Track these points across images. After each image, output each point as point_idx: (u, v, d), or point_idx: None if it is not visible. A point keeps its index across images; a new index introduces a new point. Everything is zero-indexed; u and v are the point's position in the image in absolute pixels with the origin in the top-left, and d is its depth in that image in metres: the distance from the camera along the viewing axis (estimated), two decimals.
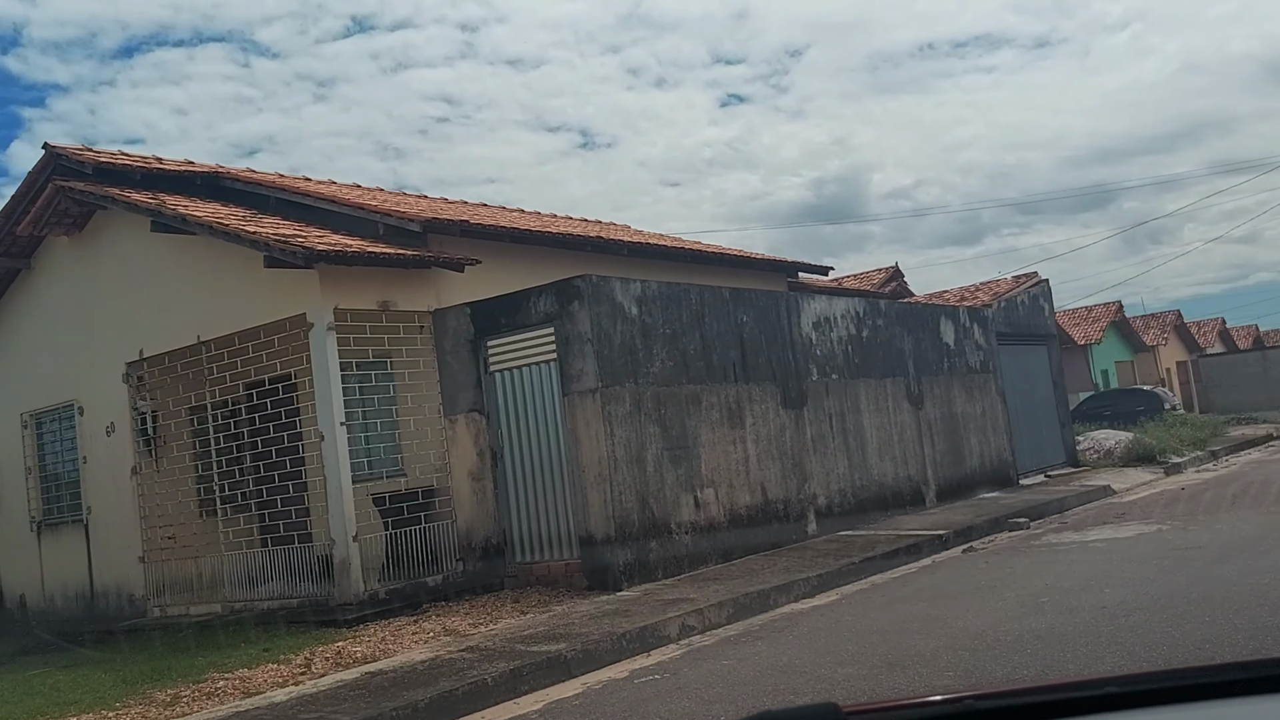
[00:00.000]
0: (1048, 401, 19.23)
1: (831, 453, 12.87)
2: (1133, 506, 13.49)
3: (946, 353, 15.83)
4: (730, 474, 11.16)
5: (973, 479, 15.72)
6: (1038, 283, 19.62)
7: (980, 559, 10.39)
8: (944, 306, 16.47)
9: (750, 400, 11.68)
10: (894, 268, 27.01)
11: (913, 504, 14.13)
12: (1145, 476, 17.70)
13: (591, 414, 9.80)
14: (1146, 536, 10.40)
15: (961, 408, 15.86)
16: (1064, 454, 19.24)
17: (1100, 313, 40.93)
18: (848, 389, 13.45)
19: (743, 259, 15.44)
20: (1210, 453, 21.05)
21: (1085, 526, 11.85)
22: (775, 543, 11.41)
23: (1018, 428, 17.59)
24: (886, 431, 14.02)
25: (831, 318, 13.47)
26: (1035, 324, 19.09)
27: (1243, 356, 50.77)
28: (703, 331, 11.22)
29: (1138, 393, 30.28)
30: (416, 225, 10.55)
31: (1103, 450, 19.98)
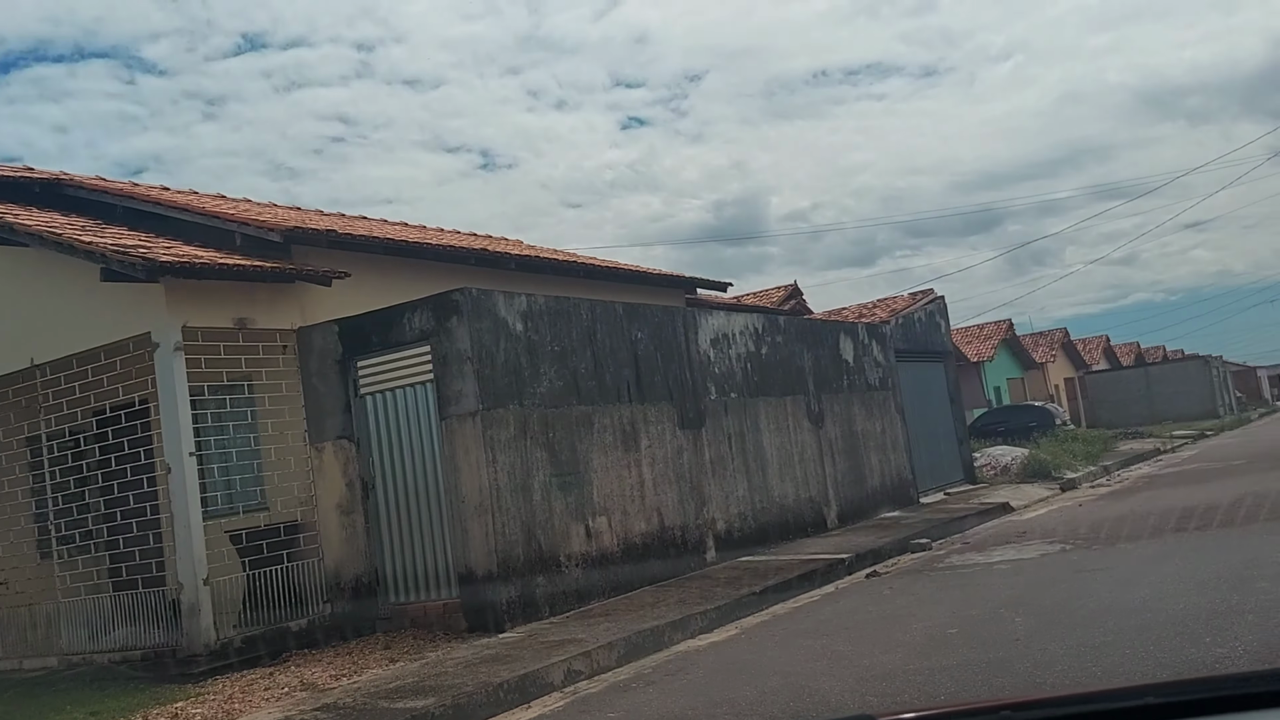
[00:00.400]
0: (945, 418, 19.14)
1: (731, 475, 12.34)
2: (1033, 525, 13.29)
3: (846, 370, 15.51)
4: (624, 500, 10.51)
5: (874, 498, 15.40)
6: (934, 299, 19.56)
7: (884, 584, 9.94)
8: (843, 323, 16.19)
9: (646, 421, 11.06)
10: (793, 286, 26.84)
11: (814, 526, 13.70)
12: (1042, 493, 17.68)
13: (472, 439, 9.04)
14: (1051, 557, 10.10)
15: (862, 426, 15.55)
16: (962, 471, 19.16)
17: (992, 330, 41.74)
18: (747, 408, 12.96)
19: (639, 274, 14.88)
20: (1103, 468, 21.29)
21: (988, 547, 11.55)
22: (673, 572, 10.79)
23: (917, 445, 17.40)
24: (787, 451, 13.58)
25: (730, 334, 12.98)
26: (932, 341, 19.00)
27: (1127, 373, 52.54)
28: (595, 349, 10.58)
29: (1030, 409, 30.75)
30: (277, 235, 9.66)
31: (999, 467, 19.99)
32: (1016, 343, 43.84)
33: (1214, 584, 7.26)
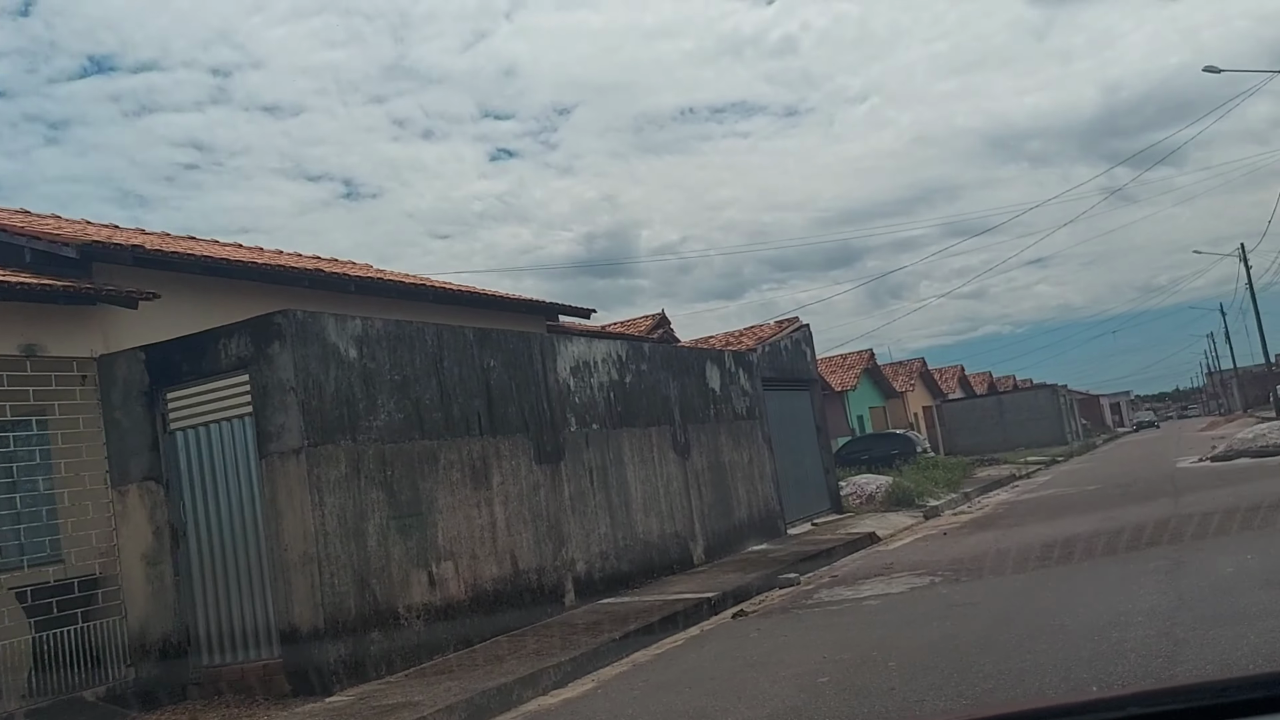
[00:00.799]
0: (812, 447, 18.93)
1: (592, 512, 11.63)
2: (900, 556, 13.02)
3: (713, 399, 15.05)
4: (474, 543, 9.66)
5: (741, 531, 14.93)
6: (799, 327, 19.40)
7: (752, 626, 9.37)
8: (710, 351, 15.75)
9: (498, 456, 10.26)
10: (660, 314, 26.47)
11: (680, 563, 13.10)
12: (906, 521, 17.59)
13: (295, 479, 8.07)
14: (920, 591, 9.74)
15: (729, 456, 15.09)
16: (829, 500, 18.96)
17: (854, 360, 42.43)
18: (610, 440, 12.30)
19: (495, 299, 14.09)
20: (964, 494, 21.49)
21: (857, 580, 11.16)
22: (528, 620, 9.98)
23: (785, 475, 17.08)
24: (652, 485, 12.97)
25: (592, 362, 12.32)
26: (798, 369, 18.80)
27: (981, 401, 54.35)
28: (441, 378, 9.74)
29: (892, 436, 31.15)
30: (73, 250, 8.50)
31: (865, 495, 19.89)
32: (878, 372, 44.73)
33: (1089, 621, 6.93)
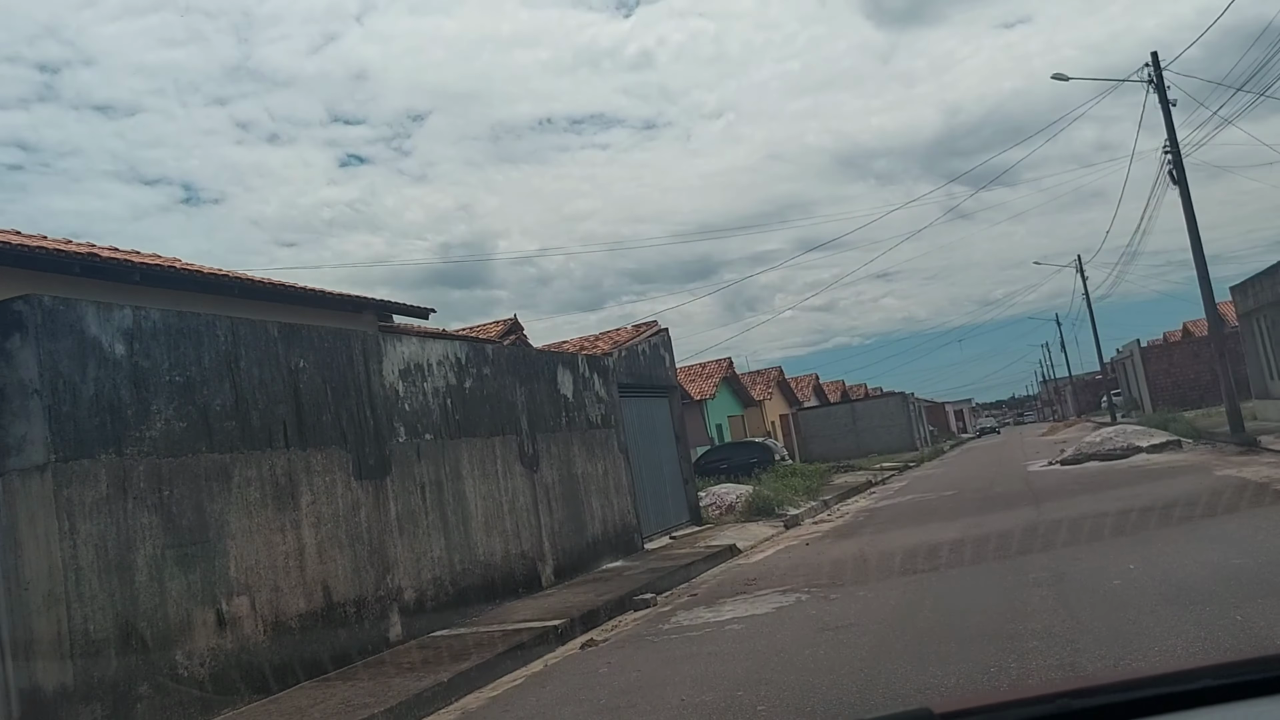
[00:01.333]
0: (671, 457, 18.03)
1: (424, 532, 10.31)
2: (763, 570, 12.18)
3: (565, 406, 13.92)
4: (276, 573, 8.23)
5: (595, 548, 13.84)
6: (658, 332, 18.50)
7: (602, 658, 8.26)
8: (562, 354, 14.62)
9: (309, 471, 8.85)
10: (513, 320, 25.17)
11: (527, 585, 11.90)
12: (768, 531, 16.87)
13: (39, 502, 6.53)
14: (787, 611, 8.84)
15: (582, 467, 13.98)
16: (688, 512, 18.08)
17: (713, 369, 42.06)
18: (447, 451, 11.01)
19: (316, 295, 12.58)
20: (823, 502, 21.01)
21: (718, 600, 10.22)
22: (344, 658, 8.60)
23: (642, 486, 16.10)
24: (495, 501, 11.73)
25: (425, 365, 11.01)
26: (657, 375, 17.89)
27: (835, 409, 55.00)
28: (237, 380, 8.28)
29: (751, 445, 30.70)
30: None
31: (725, 505, 19.12)
32: (736, 381, 44.52)
33: (981, 648, 6.11)
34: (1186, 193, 20.80)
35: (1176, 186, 20.90)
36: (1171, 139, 20.90)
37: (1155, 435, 22.12)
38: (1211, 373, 41.47)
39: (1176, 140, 20.84)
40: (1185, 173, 20.81)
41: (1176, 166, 20.85)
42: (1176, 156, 20.82)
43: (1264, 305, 21.66)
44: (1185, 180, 20.77)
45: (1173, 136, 20.89)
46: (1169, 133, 20.94)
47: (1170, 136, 20.92)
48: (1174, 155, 20.85)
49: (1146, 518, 10.66)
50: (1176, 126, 20.94)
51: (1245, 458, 16.92)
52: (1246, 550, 8.00)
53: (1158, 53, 20.98)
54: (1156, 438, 21.84)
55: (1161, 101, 20.84)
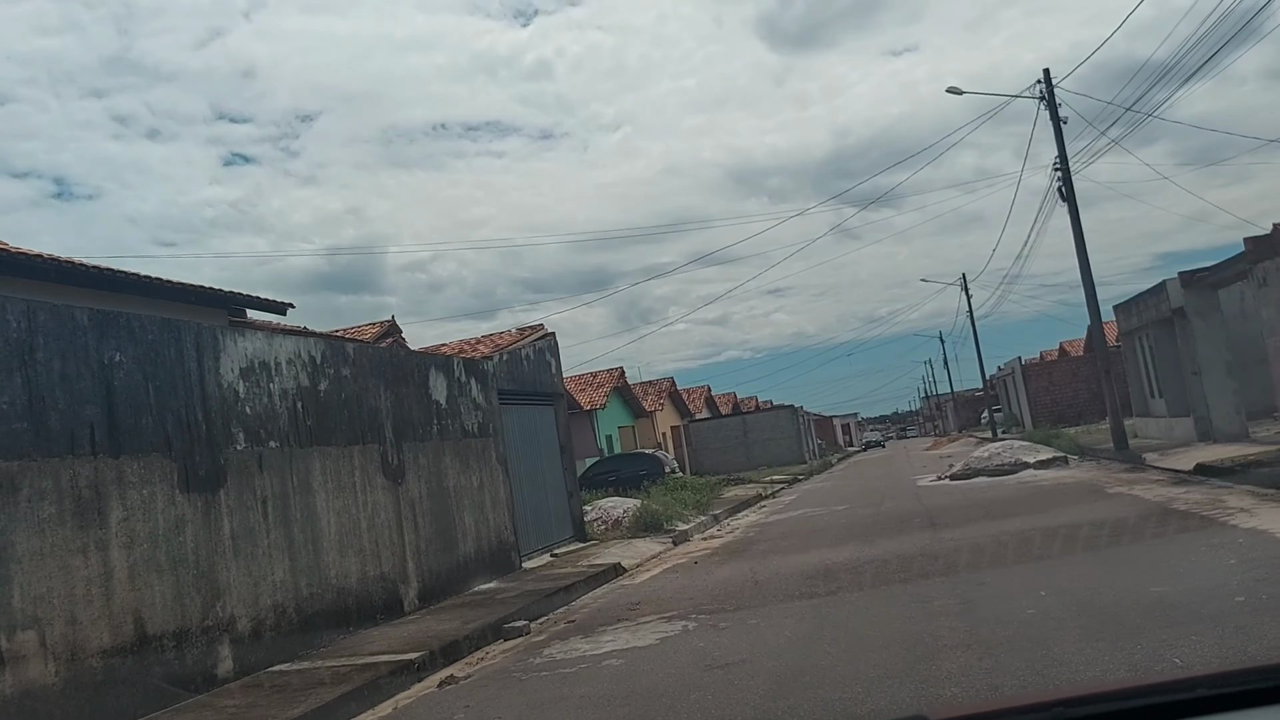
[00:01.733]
0: (555, 469, 17.03)
1: (265, 553, 9.09)
2: (648, 592, 11.31)
3: (437, 413, 12.80)
4: (75, 602, 6.95)
5: (467, 568, 12.74)
6: (544, 336, 17.50)
7: (460, 699, 7.23)
8: (435, 356, 13.48)
9: (122, 483, 7.58)
10: (390, 321, 23.83)
11: (387, 610, 10.75)
12: (655, 548, 16.03)
13: None
14: (672, 643, 7.96)
15: (455, 480, 12.88)
16: (572, 527, 17.11)
17: (605, 378, 41.20)
18: (296, 461, 9.80)
19: (153, 284, 11.16)
20: (713, 516, 20.31)
21: (597, 627, 9.28)
22: (158, 702, 7.36)
23: (521, 500, 15.07)
24: (352, 516, 10.55)
25: (273, 363, 9.79)
26: (542, 381, 16.88)
27: (727, 421, 54.77)
28: (30, 374, 6.98)
29: (641, 456, 29.90)
30: None
31: (611, 520, 18.21)
32: (628, 390, 43.76)
33: (887, 685, 5.32)
34: (1075, 209, 20.89)
35: (1065, 203, 20.97)
36: (1061, 155, 20.98)
37: (1041, 451, 22.13)
38: (1089, 390, 42.62)
39: (1066, 157, 20.93)
40: (1074, 189, 20.90)
41: (1066, 184, 20.93)
42: (1066, 174, 20.90)
43: (1147, 324, 21.91)
44: (1074, 196, 20.86)
45: (1063, 153, 20.97)
46: (1059, 149, 21.01)
47: (1060, 153, 21.00)
48: (1063, 172, 20.92)
49: (1050, 539, 10.16)
50: (1065, 141, 21.02)
51: (1133, 475, 16.84)
52: (1163, 576, 7.46)
53: (1049, 70, 21.10)
54: (1043, 454, 21.84)
55: (1053, 118, 20.90)
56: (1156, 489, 13.94)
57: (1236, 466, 13.58)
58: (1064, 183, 20.97)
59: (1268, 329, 14.62)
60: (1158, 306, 20.64)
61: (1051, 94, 20.89)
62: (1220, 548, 8.38)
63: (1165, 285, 19.61)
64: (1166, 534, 9.52)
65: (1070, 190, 20.92)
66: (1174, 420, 20.86)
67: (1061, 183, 21.00)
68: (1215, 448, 17.27)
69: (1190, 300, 18.41)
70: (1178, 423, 20.60)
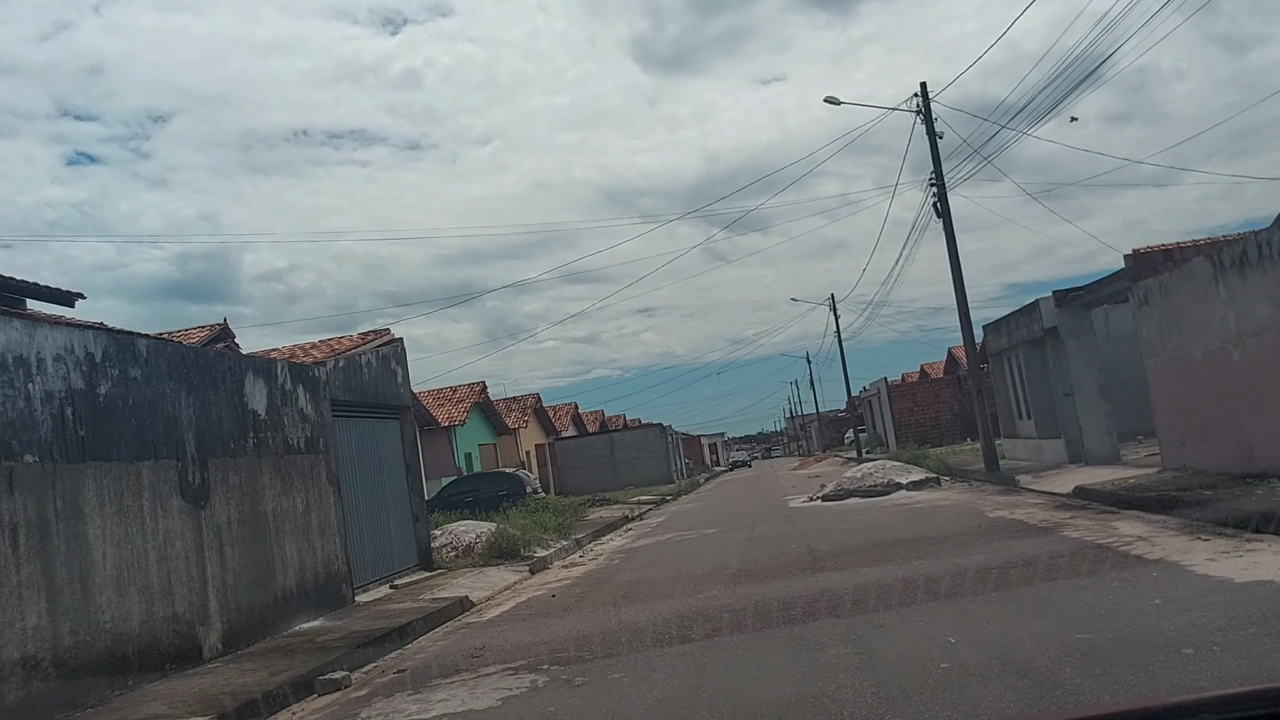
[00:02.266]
0: (399, 490, 15.36)
1: (13, 594, 7.26)
2: (496, 633, 9.86)
3: (255, 424, 11.05)
4: None
5: (287, 604, 11.00)
6: (389, 341, 15.83)
7: None
8: (253, 359, 11.69)
9: None
10: (222, 325, 21.63)
11: (180, 659, 8.95)
12: (509, 577, 14.54)
13: None
14: (516, 705, 6.54)
15: (274, 503, 11.13)
16: (417, 555, 15.45)
17: (465, 393, 39.33)
18: (61, 479, 7.97)
19: None
20: (575, 541, 18.92)
21: (430, 680, 7.77)
22: None
23: (358, 525, 13.38)
24: (137, 547, 8.74)
25: (33, 359, 7.95)
26: (386, 392, 15.19)
27: (593, 439, 53.46)
28: None
29: (501, 476, 28.29)
30: None
31: (462, 546, 16.62)
32: (490, 406, 41.97)
33: None
34: (950, 224, 20.54)
35: (940, 219, 20.58)
36: (937, 170, 20.60)
37: (913, 472, 21.61)
38: (952, 411, 43.16)
39: (941, 172, 20.55)
40: (949, 204, 20.56)
41: (941, 199, 20.55)
42: (941, 189, 20.52)
43: (1017, 344, 21.70)
44: (949, 212, 20.52)
45: (938, 168, 20.59)
46: (934, 164, 20.63)
47: (935, 168, 20.62)
48: (939, 188, 20.54)
49: (938, 570, 9.19)
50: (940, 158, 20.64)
51: (1009, 498, 16.29)
52: (1085, 619, 6.47)
53: (926, 83, 20.71)
54: (914, 474, 21.32)
55: (929, 131, 20.51)
56: (1039, 513, 13.28)
57: (1120, 491, 13.05)
58: (939, 198, 20.59)
59: (1147, 349, 14.25)
60: (1029, 326, 20.40)
61: (928, 107, 20.51)
62: (1135, 584, 7.51)
63: (1038, 304, 19.35)
64: (1069, 567, 8.65)
65: (945, 205, 20.55)
66: (1044, 442, 20.63)
67: (937, 198, 20.61)
68: (1090, 470, 16.92)
69: (1064, 320, 18.15)
70: (1048, 444, 20.37)
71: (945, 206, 20.50)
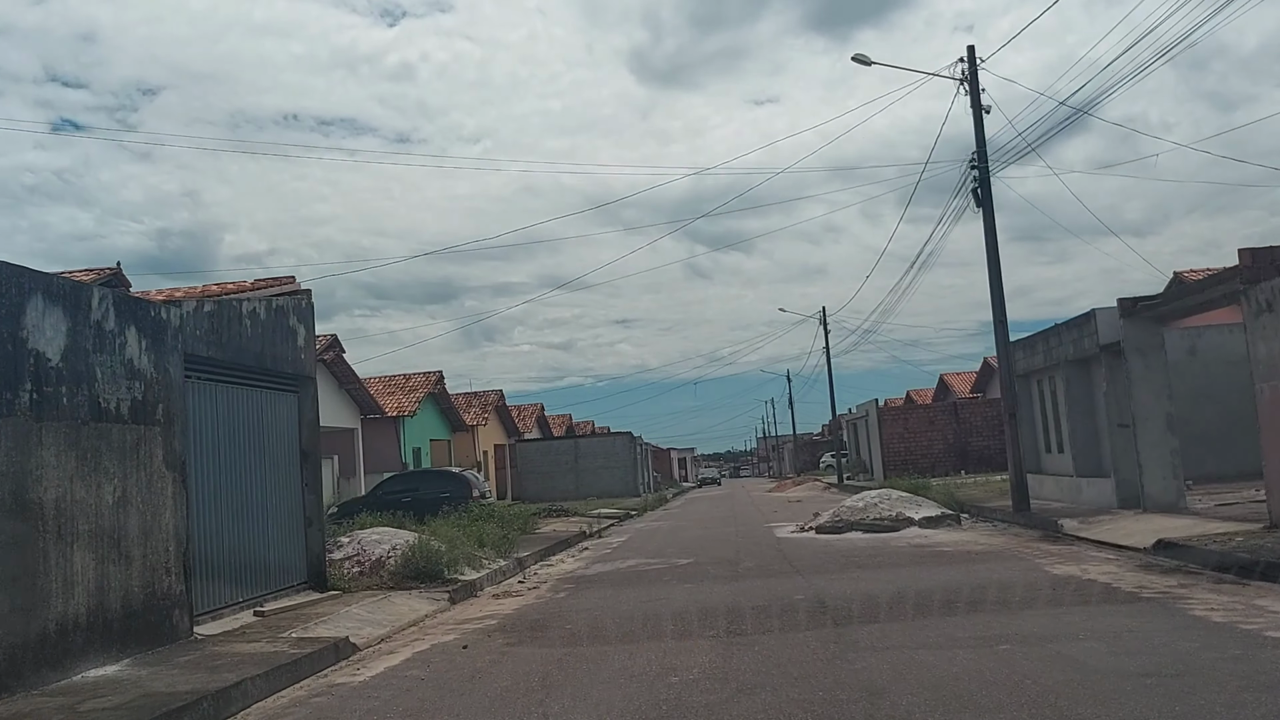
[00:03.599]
0: (288, 484, 11.86)
1: None
2: (368, 707, 6.43)
3: (37, 372, 7.55)
4: None
5: (66, 640, 7.50)
6: (292, 293, 12.34)
7: None
8: (45, 277, 8.09)
9: None
10: (115, 269, 18.08)
11: None
12: (420, 608, 11.12)
13: None
14: None
15: (60, 491, 7.63)
16: (305, 570, 11.94)
17: (419, 382, 35.74)
18: None
19: None
20: (517, 561, 15.47)
21: None
22: None
23: (214, 528, 9.91)
24: None
25: None
26: (278, 355, 11.70)
27: (558, 443, 49.97)
28: None
29: (444, 475, 24.75)
30: None
31: (370, 560, 13.14)
32: (446, 399, 38.36)
33: None
34: (990, 214, 17.31)
35: (980, 208, 17.36)
36: (980, 150, 17.39)
37: (923, 505, 18.31)
38: (945, 441, 39.98)
39: (985, 153, 17.34)
40: (991, 191, 17.33)
41: (982, 184, 17.34)
42: (983, 172, 17.31)
43: (1056, 364, 18.50)
44: (990, 199, 17.29)
45: (981, 148, 17.38)
46: (978, 143, 17.42)
47: (979, 148, 17.41)
48: (980, 171, 17.33)
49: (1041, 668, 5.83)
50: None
51: (1061, 548, 13.02)
52: None
53: (974, 47, 17.51)
54: (926, 508, 18.03)
55: (974, 103, 17.32)
56: (1126, 575, 9.99)
57: (1240, 551, 9.77)
58: (980, 183, 17.37)
59: (1265, 369, 11.01)
60: (1078, 342, 17.18)
61: (975, 74, 17.31)
62: None
63: (1094, 316, 16.12)
64: (1269, 682, 5.32)
65: (987, 191, 17.33)
66: (1084, 481, 17.39)
67: (977, 183, 17.39)
68: (1155, 519, 13.66)
69: (1130, 334, 14.90)
70: (1089, 484, 17.13)
71: (987, 193, 17.28)
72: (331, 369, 27.09)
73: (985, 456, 38.46)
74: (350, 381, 27.96)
